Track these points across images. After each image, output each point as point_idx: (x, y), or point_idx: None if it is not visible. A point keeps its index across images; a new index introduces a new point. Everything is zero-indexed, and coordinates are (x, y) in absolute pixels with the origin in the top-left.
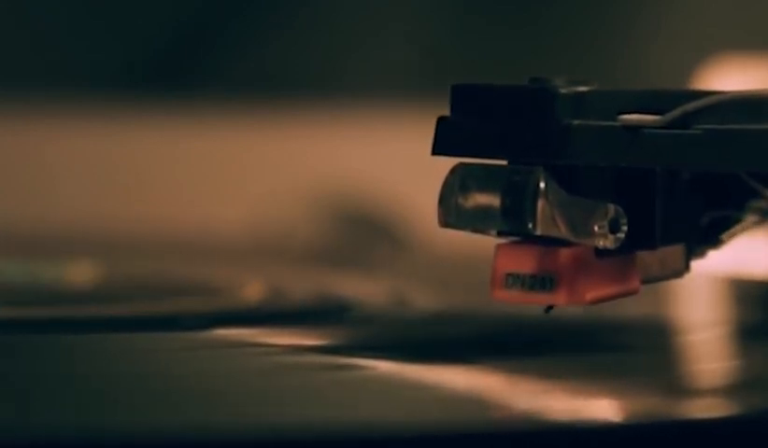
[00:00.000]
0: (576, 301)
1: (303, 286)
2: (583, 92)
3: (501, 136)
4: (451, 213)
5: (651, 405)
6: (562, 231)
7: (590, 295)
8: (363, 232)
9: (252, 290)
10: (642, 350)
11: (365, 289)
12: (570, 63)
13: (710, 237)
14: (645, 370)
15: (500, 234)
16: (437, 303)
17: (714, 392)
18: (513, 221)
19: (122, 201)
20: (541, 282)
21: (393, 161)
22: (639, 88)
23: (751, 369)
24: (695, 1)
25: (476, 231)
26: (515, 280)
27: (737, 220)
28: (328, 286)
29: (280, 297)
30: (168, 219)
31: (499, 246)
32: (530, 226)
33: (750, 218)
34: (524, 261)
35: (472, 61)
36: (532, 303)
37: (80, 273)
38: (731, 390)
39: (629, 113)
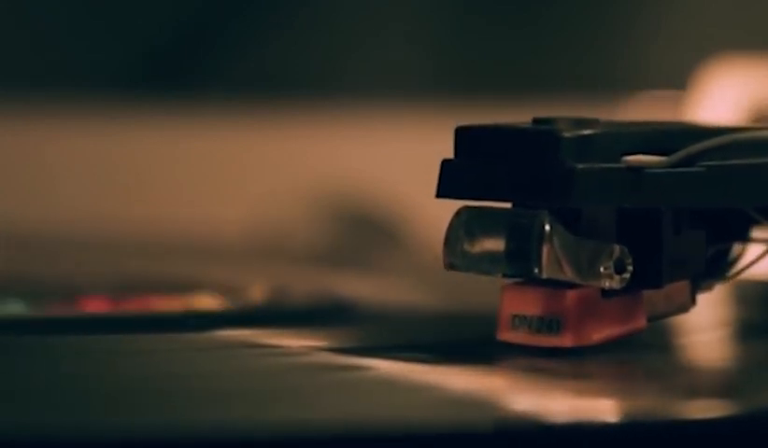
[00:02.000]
0: (582, 343)
1: (303, 286)
2: (587, 135)
3: (505, 179)
4: (456, 256)
5: (652, 405)
6: (568, 273)
7: (597, 336)
8: (363, 232)
9: (252, 291)
10: (642, 350)
11: (365, 289)
12: (570, 62)
13: (716, 270)
14: (645, 370)
15: (506, 276)
16: (437, 303)
17: (714, 392)
18: (518, 265)
19: (122, 201)
20: (548, 324)
21: (393, 161)
22: (642, 122)
23: (752, 369)
24: (695, 1)
25: (481, 273)
26: (521, 321)
27: (742, 253)
28: (328, 286)
29: (280, 297)
30: (168, 219)
31: (505, 288)
32: (535, 270)
33: (756, 251)
34: (530, 303)
35: (472, 61)
36: (538, 345)
37: (80, 274)
38: (731, 390)
39: (633, 154)
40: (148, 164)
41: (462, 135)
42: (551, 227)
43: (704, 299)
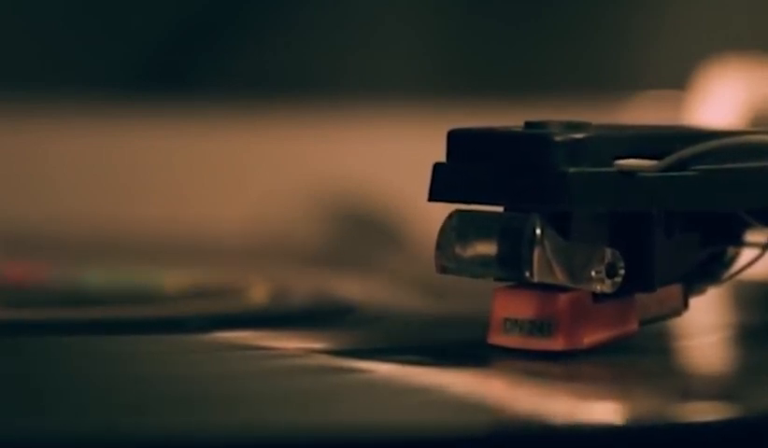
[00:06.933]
0: (573, 346)
1: (303, 286)
2: (579, 139)
3: (497, 183)
4: (449, 259)
5: (652, 407)
6: (559, 277)
7: (588, 339)
8: (363, 233)
9: (252, 291)
10: (636, 353)
11: (365, 290)
12: (570, 62)
13: (708, 273)
14: (639, 373)
15: (497, 280)
16: (437, 304)
17: (709, 395)
18: (510, 269)
19: (122, 201)
20: (539, 327)
21: (393, 161)
22: (634, 126)
23: (746, 372)
24: (695, 1)
25: (473, 276)
26: (513, 325)
27: (735, 256)
28: (327, 287)
29: (280, 298)
30: (168, 219)
31: (497, 291)
32: (527, 274)
33: (749, 254)
34: (522, 306)
35: (473, 61)
36: (530, 349)
37: (80, 274)
38: (726, 393)
39: (625, 157)
40: (148, 164)
41: (454, 139)
42: (543, 230)
43: (697, 302)
